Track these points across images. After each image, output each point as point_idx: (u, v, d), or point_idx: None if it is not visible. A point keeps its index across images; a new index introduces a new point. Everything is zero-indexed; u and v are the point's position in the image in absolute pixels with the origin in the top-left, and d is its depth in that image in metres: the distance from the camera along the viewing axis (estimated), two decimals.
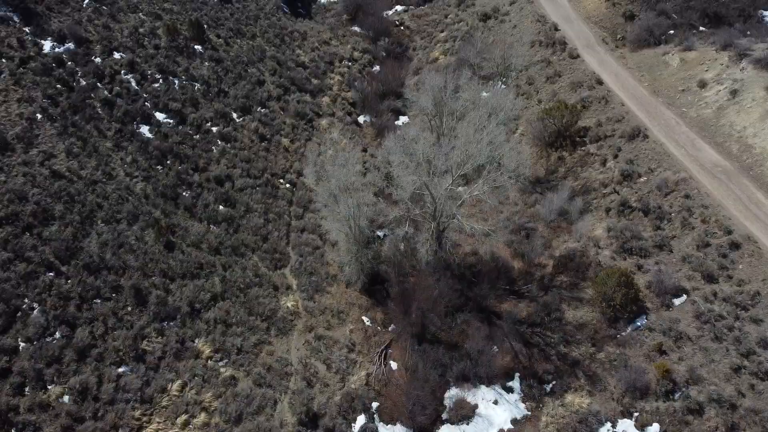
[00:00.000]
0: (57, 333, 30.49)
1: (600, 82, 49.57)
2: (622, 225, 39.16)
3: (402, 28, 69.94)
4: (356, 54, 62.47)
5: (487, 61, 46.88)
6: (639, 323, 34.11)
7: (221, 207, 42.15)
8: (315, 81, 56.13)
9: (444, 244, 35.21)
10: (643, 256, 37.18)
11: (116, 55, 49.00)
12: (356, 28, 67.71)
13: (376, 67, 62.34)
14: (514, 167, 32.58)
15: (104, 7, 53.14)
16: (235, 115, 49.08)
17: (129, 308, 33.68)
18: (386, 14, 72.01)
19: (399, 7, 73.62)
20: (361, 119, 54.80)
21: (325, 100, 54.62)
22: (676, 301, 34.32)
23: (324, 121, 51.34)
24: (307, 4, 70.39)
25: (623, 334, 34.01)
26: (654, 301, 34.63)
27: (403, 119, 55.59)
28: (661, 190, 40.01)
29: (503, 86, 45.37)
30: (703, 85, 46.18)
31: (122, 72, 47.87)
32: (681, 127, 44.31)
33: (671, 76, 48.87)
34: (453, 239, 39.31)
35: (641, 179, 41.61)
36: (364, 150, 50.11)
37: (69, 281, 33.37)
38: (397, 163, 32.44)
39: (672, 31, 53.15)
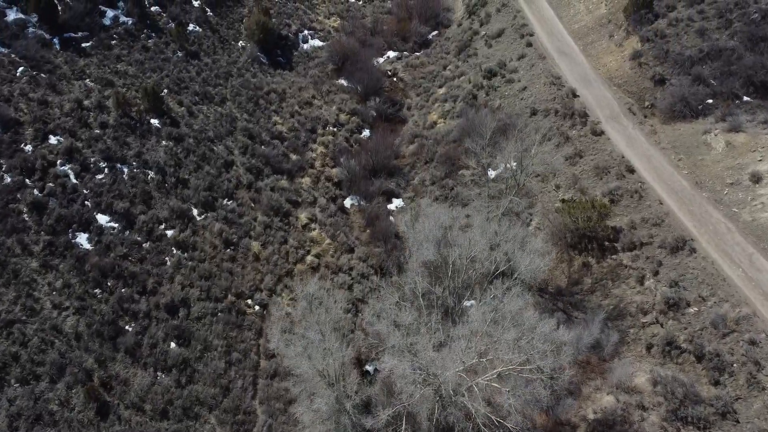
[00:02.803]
0: None
1: (631, 170, 41.66)
2: (670, 375, 31.40)
3: (395, 79, 61.88)
4: (343, 117, 54.37)
5: (495, 154, 39.08)
6: None
7: (173, 345, 34.14)
8: (294, 157, 48.05)
9: (452, 424, 27.32)
10: (703, 427, 29.40)
11: (52, 140, 40.81)
12: (343, 82, 59.55)
13: (366, 132, 54.31)
14: (551, 370, 24.79)
15: (42, 75, 44.81)
16: (195, 212, 40.94)
17: None
18: (377, 62, 63.84)
19: (391, 54, 65.31)
20: (347, 202, 46.83)
21: (305, 181, 46.57)
22: None
23: (303, 215, 43.26)
24: (288, 52, 62.16)
25: None
26: None
27: (396, 202, 47.75)
28: (717, 329, 32.27)
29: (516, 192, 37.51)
30: (757, 179, 38.45)
31: (58, 162, 39.68)
32: (734, 235, 36.55)
33: (716, 163, 41.09)
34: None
35: (690, 310, 33.84)
36: (351, 250, 42.15)
37: None
38: (389, 362, 24.62)
39: (711, 101, 45.36)
